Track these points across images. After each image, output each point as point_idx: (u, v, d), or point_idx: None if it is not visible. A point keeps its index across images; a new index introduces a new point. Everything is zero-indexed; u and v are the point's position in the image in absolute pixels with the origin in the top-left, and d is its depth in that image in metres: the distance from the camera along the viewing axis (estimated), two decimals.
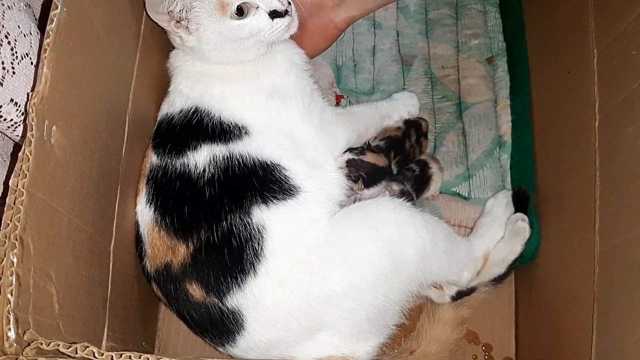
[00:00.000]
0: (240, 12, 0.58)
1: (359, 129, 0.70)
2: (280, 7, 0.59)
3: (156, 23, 0.60)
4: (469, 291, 0.69)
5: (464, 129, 0.80)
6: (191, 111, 0.60)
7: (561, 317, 0.63)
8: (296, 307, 0.56)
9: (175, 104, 0.62)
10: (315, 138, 0.63)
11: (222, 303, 0.57)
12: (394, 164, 0.73)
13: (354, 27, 0.85)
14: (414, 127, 0.76)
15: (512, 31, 0.82)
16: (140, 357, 0.37)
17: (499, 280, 0.70)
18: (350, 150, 0.68)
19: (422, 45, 0.85)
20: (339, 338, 0.58)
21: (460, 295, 0.69)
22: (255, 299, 0.56)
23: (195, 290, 0.57)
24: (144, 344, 0.69)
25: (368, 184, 0.67)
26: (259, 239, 0.56)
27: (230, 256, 0.55)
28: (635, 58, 0.52)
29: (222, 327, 0.58)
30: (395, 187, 0.71)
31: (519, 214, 0.70)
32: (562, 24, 0.69)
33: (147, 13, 0.59)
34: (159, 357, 0.37)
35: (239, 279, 0.55)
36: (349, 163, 0.67)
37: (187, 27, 0.59)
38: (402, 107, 0.77)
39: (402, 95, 0.78)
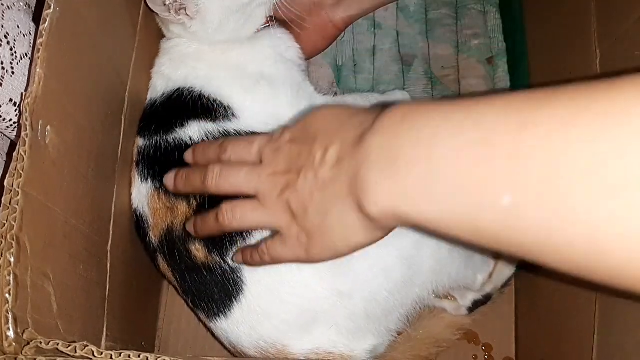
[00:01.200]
0: None
1: None
2: None
3: (156, 14, 0.61)
4: (485, 299, 0.68)
5: None
6: (174, 91, 0.60)
7: (562, 317, 0.63)
8: (295, 276, 0.54)
9: (157, 86, 0.62)
10: None
11: (224, 261, 0.55)
12: None
13: (354, 27, 0.85)
14: None
15: (512, 31, 0.82)
16: (139, 357, 0.37)
17: (507, 283, 0.69)
18: None
19: (422, 46, 0.85)
20: (335, 332, 0.56)
21: (476, 305, 0.67)
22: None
23: (199, 250, 0.56)
24: (143, 343, 0.69)
25: None
26: None
27: None
28: (637, 58, 0.52)
29: (221, 289, 0.56)
30: None
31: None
32: (563, 24, 0.69)
33: (148, 6, 0.59)
34: (159, 356, 0.37)
35: (241, 235, 0.54)
36: None
37: (187, 14, 0.59)
38: (393, 100, 0.76)
39: (396, 94, 0.78)
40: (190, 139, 0.57)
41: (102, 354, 0.37)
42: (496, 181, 0.28)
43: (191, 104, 0.58)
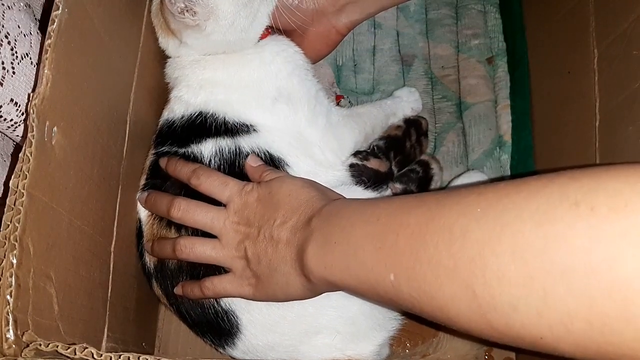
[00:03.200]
0: None
1: (365, 131, 0.69)
2: None
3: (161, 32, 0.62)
4: None
5: (464, 129, 0.80)
6: (194, 115, 0.60)
7: None
8: (289, 310, 0.56)
9: (175, 110, 0.62)
10: (322, 141, 0.63)
11: (217, 302, 0.57)
12: (394, 164, 0.73)
13: None
14: (414, 126, 0.76)
15: (512, 31, 0.82)
16: (139, 358, 0.37)
17: None
18: (355, 154, 0.68)
19: (422, 45, 0.85)
20: (340, 340, 0.57)
21: None
22: (247, 301, 0.56)
23: None
24: (143, 344, 0.69)
25: (369, 189, 0.67)
26: None
27: None
28: (636, 58, 0.52)
29: (218, 328, 0.58)
30: (398, 185, 0.71)
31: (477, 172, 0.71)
32: (562, 24, 0.69)
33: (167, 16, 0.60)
34: (158, 357, 0.37)
35: None
36: (352, 167, 0.66)
37: (198, 24, 0.59)
38: (406, 104, 0.76)
39: (403, 91, 0.78)
40: (201, 154, 0.59)
41: (101, 355, 0.37)
42: (387, 264, 0.39)
43: (214, 128, 0.59)
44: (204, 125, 0.60)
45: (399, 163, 0.73)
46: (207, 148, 0.59)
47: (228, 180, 0.56)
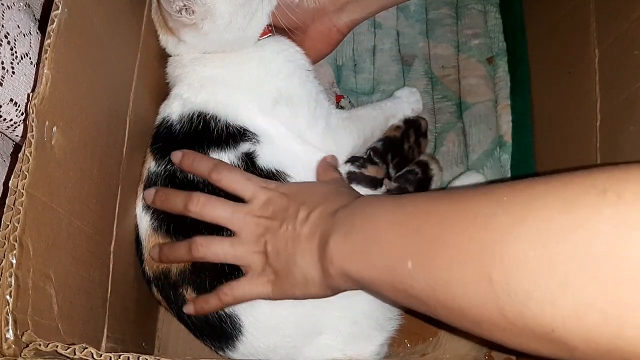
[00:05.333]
0: None
1: (364, 134, 0.69)
2: None
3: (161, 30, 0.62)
4: None
5: (464, 128, 0.80)
6: (194, 116, 0.59)
7: None
8: (292, 311, 0.56)
9: (174, 108, 0.61)
10: (320, 145, 0.63)
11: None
12: (392, 166, 0.72)
13: None
14: (413, 127, 0.76)
15: (513, 31, 0.82)
16: (139, 358, 0.37)
17: None
18: (352, 161, 0.67)
19: (422, 45, 0.85)
20: (342, 340, 0.57)
21: None
22: (252, 303, 0.55)
23: (192, 296, 0.57)
24: (143, 344, 0.69)
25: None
26: None
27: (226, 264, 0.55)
28: (637, 58, 0.52)
29: (220, 332, 0.58)
30: (394, 184, 0.71)
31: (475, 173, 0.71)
32: (562, 23, 0.69)
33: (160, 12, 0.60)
34: (158, 357, 0.37)
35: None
36: (350, 175, 0.66)
37: (195, 23, 0.59)
38: (406, 105, 0.76)
39: (404, 92, 0.77)
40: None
41: (101, 356, 0.36)
42: (407, 250, 0.39)
43: (215, 135, 0.59)
44: (206, 131, 0.59)
45: (396, 165, 0.73)
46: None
47: (250, 175, 0.55)
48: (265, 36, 0.64)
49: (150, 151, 0.61)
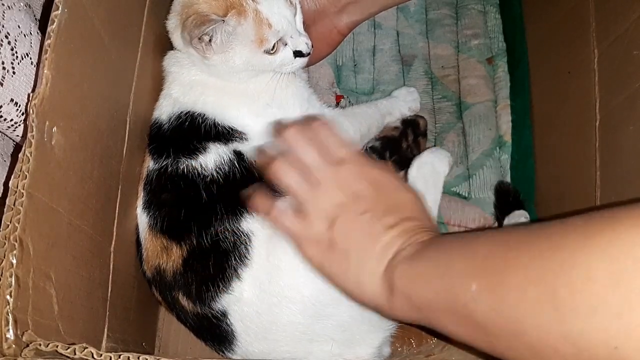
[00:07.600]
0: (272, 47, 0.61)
1: (361, 130, 0.70)
2: (305, 50, 0.63)
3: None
4: None
5: (464, 129, 0.80)
6: (183, 114, 0.60)
7: None
8: (278, 317, 0.56)
9: (164, 108, 0.62)
10: None
11: (212, 309, 0.57)
12: (390, 164, 0.72)
13: None
14: (411, 127, 0.76)
15: (512, 31, 0.82)
16: (139, 358, 0.37)
17: None
18: None
19: (422, 45, 0.85)
20: (337, 346, 0.57)
21: None
22: (240, 308, 0.56)
23: (184, 300, 0.57)
24: (144, 344, 0.68)
25: None
26: (246, 244, 0.56)
27: (215, 265, 0.56)
28: (636, 58, 0.52)
29: (216, 335, 0.58)
30: None
31: (521, 211, 0.70)
32: (562, 24, 0.69)
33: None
34: (158, 357, 0.37)
35: (222, 288, 0.56)
36: None
37: (206, 56, 0.60)
38: (403, 103, 0.76)
39: (401, 91, 0.78)
40: (201, 166, 0.58)
41: (101, 355, 0.37)
42: (473, 273, 0.39)
43: (203, 131, 0.59)
44: (194, 128, 0.60)
45: (395, 163, 0.73)
46: (207, 159, 0.58)
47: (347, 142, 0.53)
48: None
49: (147, 151, 0.62)
